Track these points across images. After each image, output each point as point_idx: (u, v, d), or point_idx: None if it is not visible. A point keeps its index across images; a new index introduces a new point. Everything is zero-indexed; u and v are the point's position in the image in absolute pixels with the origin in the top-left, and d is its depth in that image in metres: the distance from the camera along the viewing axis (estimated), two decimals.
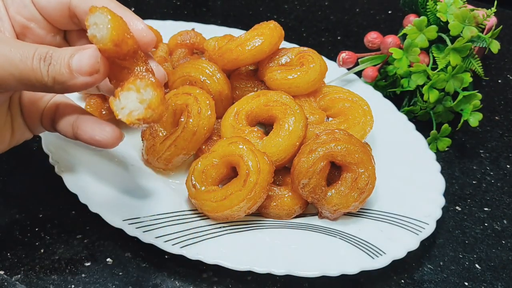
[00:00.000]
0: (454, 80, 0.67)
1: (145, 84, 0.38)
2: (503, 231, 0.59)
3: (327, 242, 0.51)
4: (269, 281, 0.51)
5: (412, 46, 0.70)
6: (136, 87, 0.38)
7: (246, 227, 0.53)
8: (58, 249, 0.52)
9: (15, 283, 0.48)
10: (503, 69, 0.89)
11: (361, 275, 0.50)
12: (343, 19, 1.01)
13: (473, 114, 0.66)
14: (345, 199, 0.52)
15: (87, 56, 0.39)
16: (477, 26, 0.71)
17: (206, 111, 0.56)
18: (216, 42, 0.64)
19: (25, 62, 0.39)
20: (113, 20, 0.38)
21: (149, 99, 0.37)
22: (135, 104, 0.38)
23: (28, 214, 0.55)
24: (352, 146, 0.52)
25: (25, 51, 0.39)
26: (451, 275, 0.53)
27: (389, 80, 0.75)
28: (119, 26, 0.38)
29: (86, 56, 0.39)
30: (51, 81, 0.40)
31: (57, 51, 0.40)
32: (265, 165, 0.51)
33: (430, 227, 0.53)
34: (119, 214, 0.51)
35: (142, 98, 0.38)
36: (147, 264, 0.51)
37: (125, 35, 0.39)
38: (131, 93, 0.38)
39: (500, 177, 0.66)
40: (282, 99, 0.58)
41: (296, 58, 0.63)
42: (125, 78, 0.39)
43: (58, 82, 0.40)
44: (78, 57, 0.39)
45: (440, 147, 0.69)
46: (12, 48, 0.39)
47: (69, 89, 0.41)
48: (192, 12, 1.00)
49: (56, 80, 0.40)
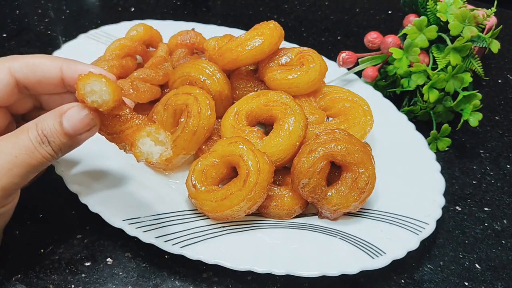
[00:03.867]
0: (454, 80, 0.67)
1: (155, 128, 0.43)
2: (503, 231, 0.59)
3: (327, 242, 0.51)
4: (269, 281, 0.51)
5: (412, 46, 0.70)
6: (148, 133, 0.43)
7: (246, 227, 0.53)
8: (58, 249, 0.52)
9: (15, 283, 0.48)
10: (503, 69, 0.89)
11: (361, 275, 0.50)
12: (343, 19, 1.01)
13: (473, 114, 0.66)
14: (345, 199, 0.52)
15: (78, 120, 0.42)
16: (477, 26, 0.71)
17: (206, 111, 0.56)
18: (216, 42, 0.64)
19: (33, 156, 0.42)
20: (110, 84, 0.41)
21: (164, 139, 0.43)
22: (152, 148, 0.43)
23: (28, 214, 0.55)
24: (352, 146, 0.52)
25: (25, 145, 0.42)
26: (451, 275, 0.53)
27: (389, 80, 0.75)
28: (116, 88, 0.42)
29: (76, 119, 0.42)
30: (60, 154, 0.44)
31: (42, 123, 0.42)
32: (265, 165, 0.51)
33: (430, 227, 0.53)
34: (119, 214, 0.51)
35: (158, 140, 0.43)
36: (147, 264, 0.51)
37: (120, 93, 0.43)
38: (146, 139, 0.43)
39: (500, 177, 0.66)
40: (282, 99, 0.58)
41: (296, 58, 0.63)
42: (117, 123, 0.43)
43: (64, 151, 0.44)
44: (67, 122, 0.42)
45: (440, 147, 0.69)
46: (14, 151, 0.41)
47: (77, 146, 0.45)
48: (192, 12, 1.00)
49: (63, 150, 0.43)
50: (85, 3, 0.99)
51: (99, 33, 0.78)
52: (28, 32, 0.89)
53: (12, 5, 0.96)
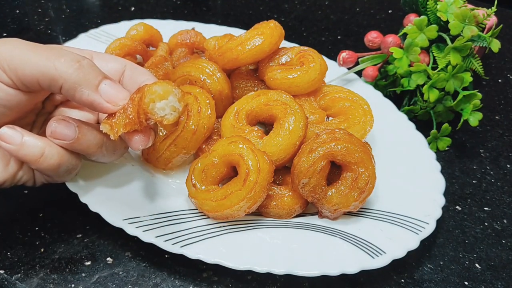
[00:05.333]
0: (454, 80, 0.67)
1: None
2: (503, 230, 0.59)
3: (327, 241, 0.51)
4: (269, 280, 0.51)
5: (412, 45, 0.70)
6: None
7: (246, 227, 0.53)
8: (58, 248, 0.52)
9: (15, 282, 0.48)
10: (503, 68, 0.89)
11: (361, 275, 0.50)
12: (343, 18, 1.01)
13: (473, 114, 0.66)
14: (345, 198, 0.52)
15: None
16: (477, 26, 0.70)
17: (206, 110, 0.56)
18: (216, 41, 0.64)
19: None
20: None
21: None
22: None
23: (28, 214, 0.55)
24: (352, 145, 0.52)
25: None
26: (451, 274, 0.53)
27: (389, 80, 0.75)
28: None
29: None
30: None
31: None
32: (265, 165, 0.51)
33: (430, 227, 0.53)
34: (119, 214, 0.51)
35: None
36: (147, 263, 0.51)
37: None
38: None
39: (500, 176, 0.66)
40: (282, 98, 0.58)
41: (296, 57, 0.63)
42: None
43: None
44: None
45: (440, 146, 0.69)
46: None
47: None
48: (192, 12, 1.00)
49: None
50: (85, 3, 0.99)
51: (99, 32, 0.78)
52: (28, 31, 0.89)
53: (12, 5, 0.96)
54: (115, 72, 0.48)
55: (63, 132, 0.43)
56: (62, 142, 0.43)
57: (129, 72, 0.48)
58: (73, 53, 0.42)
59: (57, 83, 0.41)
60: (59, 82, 0.41)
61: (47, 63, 0.41)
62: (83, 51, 0.48)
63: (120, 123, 0.42)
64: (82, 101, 0.42)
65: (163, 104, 0.40)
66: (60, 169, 0.45)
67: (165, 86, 0.40)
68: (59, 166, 0.44)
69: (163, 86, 0.40)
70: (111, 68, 0.48)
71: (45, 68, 0.41)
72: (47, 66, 0.41)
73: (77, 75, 0.41)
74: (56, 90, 0.42)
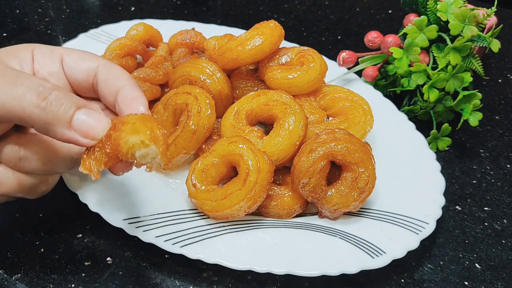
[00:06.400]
0: (454, 80, 0.67)
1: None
2: (503, 230, 0.59)
3: (327, 241, 0.51)
4: (269, 280, 0.51)
5: (412, 45, 0.70)
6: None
7: (246, 227, 0.53)
8: (58, 248, 0.52)
9: (15, 282, 0.48)
10: (503, 68, 0.89)
11: (361, 275, 0.50)
12: (343, 18, 1.01)
13: (473, 114, 0.66)
14: (345, 198, 0.52)
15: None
16: (477, 26, 0.71)
17: (206, 110, 0.56)
18: (216, 41, 0.64)
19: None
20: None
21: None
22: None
23: (28, 214, 0.55)
24: (352, 145, 0.52)
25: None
26: (451, 274, 0.53)
27: (389, 80, 0.75)
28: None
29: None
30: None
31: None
32: (265, 165, 0.51)
33: (430, 227, 0.53)
34: (119, 214, 0.51)
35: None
36: (147, 263, 0.51)
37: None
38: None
39: (500, 176, 0.66)
40: (282, 98, 0.58)
41: (296, 57, 0.63)
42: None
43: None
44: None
45: (440, 146, 0.69)
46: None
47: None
48: (192, 12, 1.00)
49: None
50: (85, 3, 0.99)
51: (99, 32, 0.78)
52: (28, 31, 0.89)
53: (12, 5, 0.96)
54: (87, 76, 0.46)
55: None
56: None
57: (103, 75, 0.45)
58: (40, 85, 0.38)
59: (28, 123, 0.39)
60: (29, 123, 0.38)
61: (13, 103, 0.37)
62: (54, 51, 0.46)
63: (101, 160, 0.38)
64: (58, 139, 0.39)
65: (143, 152, 0.37)
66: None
67: (141, 129, 0.37)
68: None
69: (139, 131, 0.37)
70: (82, 71, 0.46)
71: (12, 109, 0.37)
72: (14, 107, 0.37)
73: (46, 115, 0.37)
74: (29, 126, 0.40)
